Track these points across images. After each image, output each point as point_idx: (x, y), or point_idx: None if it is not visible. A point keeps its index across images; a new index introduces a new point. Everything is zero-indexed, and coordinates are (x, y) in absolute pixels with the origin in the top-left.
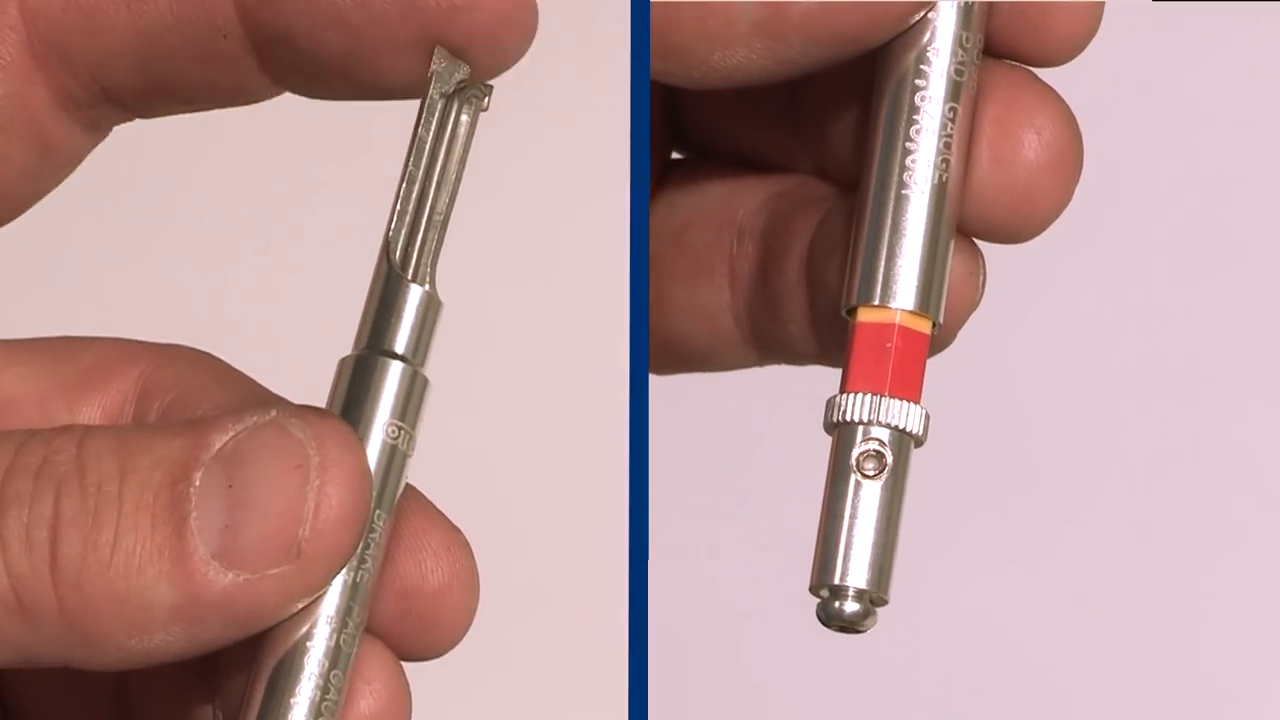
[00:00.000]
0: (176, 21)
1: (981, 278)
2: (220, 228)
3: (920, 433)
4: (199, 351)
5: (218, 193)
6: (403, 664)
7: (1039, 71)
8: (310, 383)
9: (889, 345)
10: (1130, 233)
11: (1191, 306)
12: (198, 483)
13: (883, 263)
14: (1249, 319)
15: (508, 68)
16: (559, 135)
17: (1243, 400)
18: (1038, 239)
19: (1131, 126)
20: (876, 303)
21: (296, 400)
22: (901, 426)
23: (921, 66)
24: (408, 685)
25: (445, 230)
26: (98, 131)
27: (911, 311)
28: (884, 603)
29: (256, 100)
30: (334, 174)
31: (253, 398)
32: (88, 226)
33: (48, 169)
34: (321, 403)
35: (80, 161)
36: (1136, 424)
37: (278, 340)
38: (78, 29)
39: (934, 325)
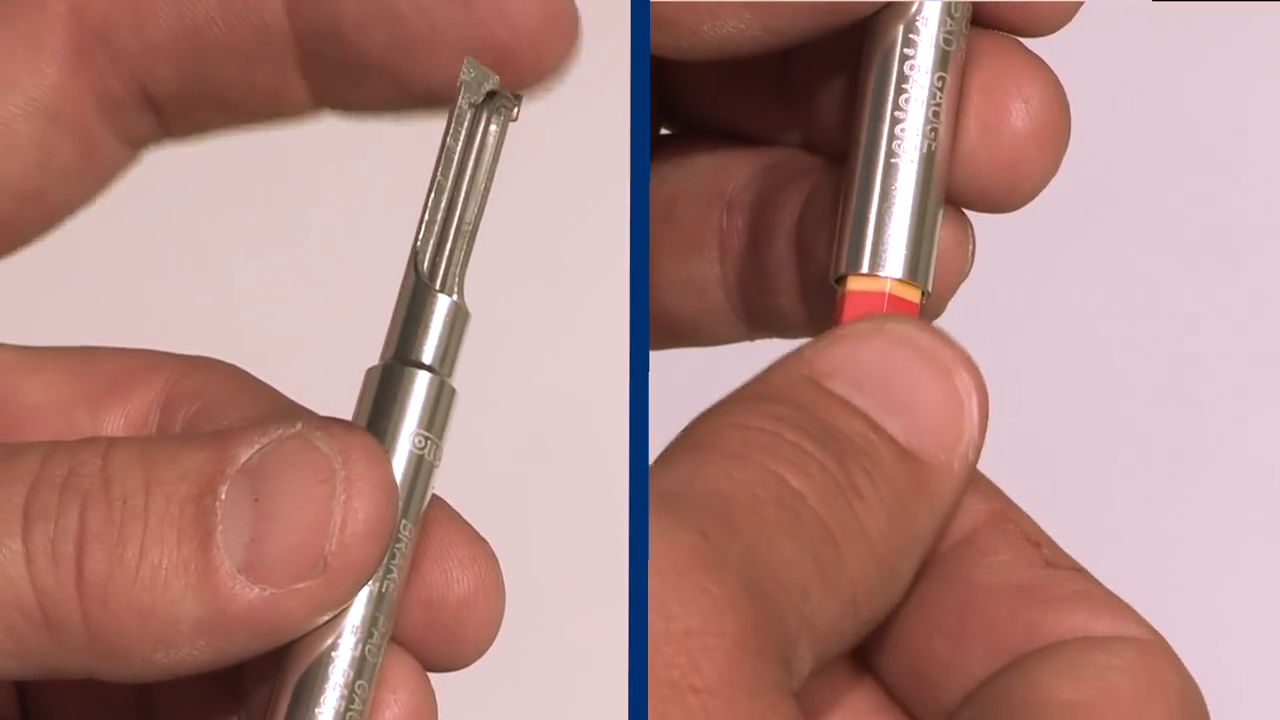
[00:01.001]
0: (223, 15)
1: (971, 247)
2: (240, 237)
3: None
4: (222, 362)
5: (236, 202)
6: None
7: (1027, 42)
8: (333, 392)
9: None
10: (1130, 232)
11: (1191, 305)
12: (223, 496)
13: (871, 231)
14: (1249, 317)
15: (551, 73)
16: (557, 132)
17: (1244, 397)
18: (1037, 240)
19: (1131, 126)
20: (865, 271)
21: (322, 410)
22: None
23: (910, 36)
24: (433, 695)
25: (474, 241)
26: (131, 145)
27: (901, 280)
28: None
29: (291, 115)
30: (356, 182)
31: (277, 409)
32: (105, 234)
33: (87, 174)
34: (346, 412)
35: (113, 177)
36: (1136, 413)
37: (299, 350)
38: (124, 21)
39: (923, 294)
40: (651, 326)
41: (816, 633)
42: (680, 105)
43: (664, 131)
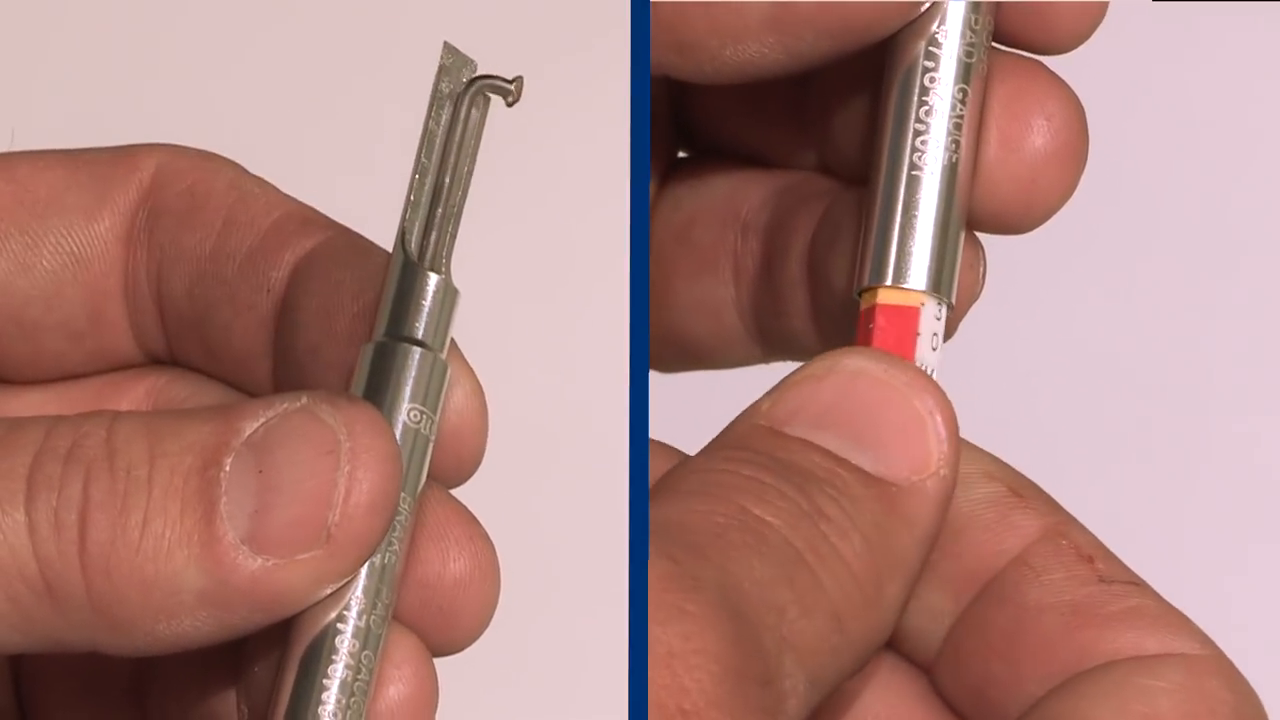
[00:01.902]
0: (244, 258)
1: (982, 269)
2: None
3: None
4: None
5: None
6: None
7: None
8: None
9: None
10: (1131, 232)
11: (1194, 306)
12: (228, 468)
13: (895, 244)
14: (1251, 317)
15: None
16: (560, 135)
17: (1255, 406)
18: (1041, 241)
19: (1132, 126)
20: (889, 284)
21: None
22: None
23: (931, 49)
24: (435, 673)
25: (459, 219)
26: (134, 340)
27: (923, 292)
28: None
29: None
30: (342, 165)
31: None
32: None
33: (87, 342)
34: None
35: (108, 365)
36: (1145, 423)
37: None
38: (177, 215)
39: (948, 306)
40: (666, 349)
41: (802, 651)
42: (696, 129)
43: (680, 155)
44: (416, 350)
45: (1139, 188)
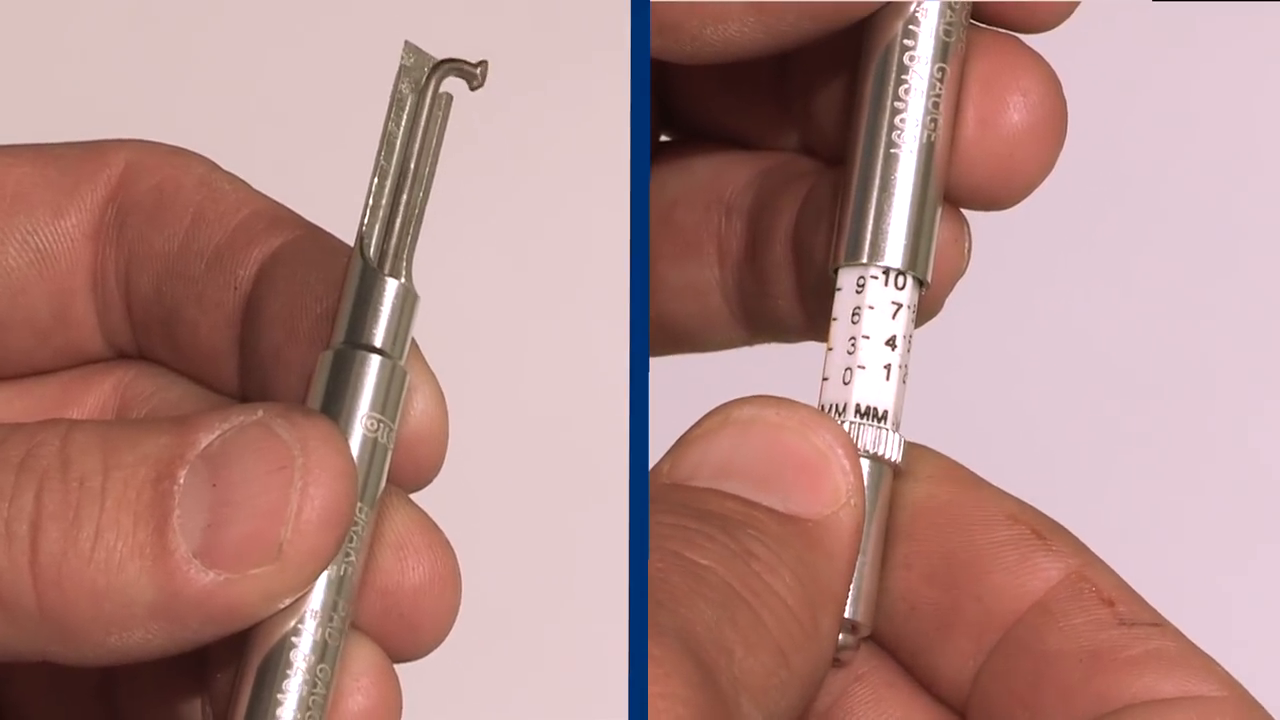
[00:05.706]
0: (212, 256)
1: (967, 245)
2: None
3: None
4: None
5: None
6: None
7: (1028, 39)
8: None
9: None
10: (1128, 232)
11: (1193, 304)
12: (182, 481)
13: (870, 221)
14: (1247, 316)
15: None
16: (558, 127)
17: (1242, 395)
18: (1034, 239)
19: (1131, 126)
20: (864, 260)
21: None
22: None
23: (910, 28)
24: (398, 683)
25: (421, 223)
26: (103, 338)
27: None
28: (867, 632)
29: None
30: (317, 161)
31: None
32: None
33: (54, 339)
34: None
35: (75, 360)
36: (1134, 411)
37: None
38: (145, 211)
39: (922, 285)
40: (651, 332)
41: (753, 690)
42: (679, 111)
43: (663, 138)
44: (375, 358)
45: (1134, 185)
